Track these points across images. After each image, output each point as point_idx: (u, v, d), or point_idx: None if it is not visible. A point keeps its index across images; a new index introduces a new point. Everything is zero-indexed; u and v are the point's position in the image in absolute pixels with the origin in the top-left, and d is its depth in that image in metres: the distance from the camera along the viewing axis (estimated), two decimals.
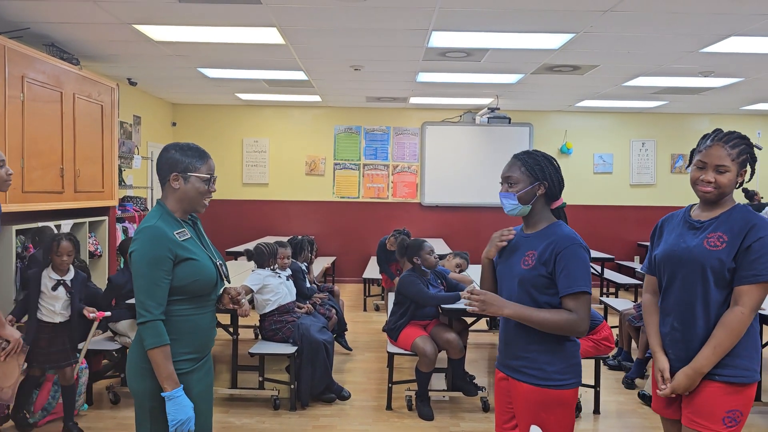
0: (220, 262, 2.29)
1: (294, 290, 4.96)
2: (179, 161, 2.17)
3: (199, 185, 2.18)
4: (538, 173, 2.20)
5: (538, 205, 2.23)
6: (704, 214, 2.21)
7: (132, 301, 4.34)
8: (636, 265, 9.22)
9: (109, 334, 4.70)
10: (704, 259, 2.11)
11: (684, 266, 2.17)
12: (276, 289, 4.64)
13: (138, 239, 2.11)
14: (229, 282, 2.36)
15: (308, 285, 5.33)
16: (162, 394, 2.04)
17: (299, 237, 6.01)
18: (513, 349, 2.22)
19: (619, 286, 7.97)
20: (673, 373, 2.18)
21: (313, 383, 4.40)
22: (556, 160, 2.27)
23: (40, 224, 5.04)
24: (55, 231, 5.32)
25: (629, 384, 4.91)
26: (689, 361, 2.13)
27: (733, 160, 2.12)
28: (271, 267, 4.75)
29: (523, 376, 2.16)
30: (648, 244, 2.45)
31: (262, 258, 4.71)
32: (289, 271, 4.99)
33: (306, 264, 5.88)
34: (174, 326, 2.11)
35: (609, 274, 8.19)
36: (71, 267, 3.92)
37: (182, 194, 2.18)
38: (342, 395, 4.53)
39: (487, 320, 6.29)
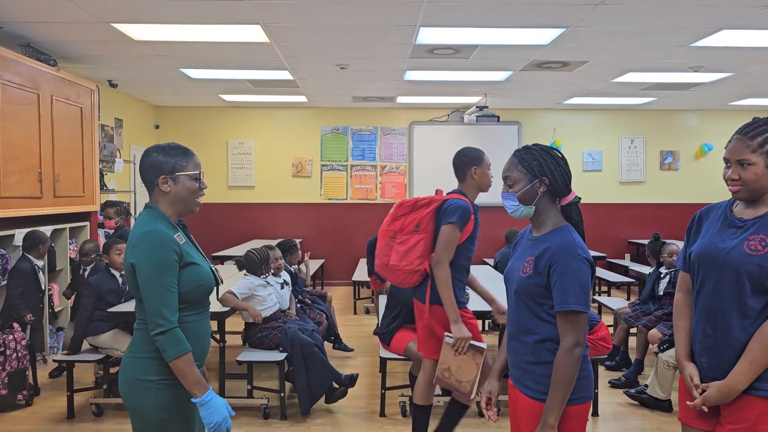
0: (212, 266, 2.23)
1: (287, 298, 4.82)
2: (164, 162, 2.07)
3: (189, 184, 2.10)
4: (536, 169, 2.02)
5: (542, 204, 2.06)
6: (747, 211, 1.96)
7: (116, 308, 4.19)
8: (627, 262, 9.16)
9: (87, 345, 4.44)
10: (741, 264, 1.88)
11: (718, 270, 1.94)
12: (264, 300, 4.46)
13: (139, 246, 1.98)
14: (221, 283, 2.29)
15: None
16: (193, 400, 1.98)
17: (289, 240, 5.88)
18: (513, 359, 2.08)
19: (611, 285, 7.91)
20: (704, 382, 1.97)
21: (311, 388, 4.24)
22: (558, 152, 2.09)
23: (14, 231, 4.87)
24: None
25: (624, 384, 4.81)
26: (722, 371, 1.92)
27: (754, 152, 1.88)
28: (264, 275, 4.57)
29: (523, 387, 2.02)
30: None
31: (254, 266, 4.51)
32: (282, 279, 4.84)
33: (296, 266, 5.75)
34: None
35: (601, 272, 8.12)
36: None
37: (174, 196, 2.09)
38: (352, 381, 4.40)
39: (482, 322, 6.18)
